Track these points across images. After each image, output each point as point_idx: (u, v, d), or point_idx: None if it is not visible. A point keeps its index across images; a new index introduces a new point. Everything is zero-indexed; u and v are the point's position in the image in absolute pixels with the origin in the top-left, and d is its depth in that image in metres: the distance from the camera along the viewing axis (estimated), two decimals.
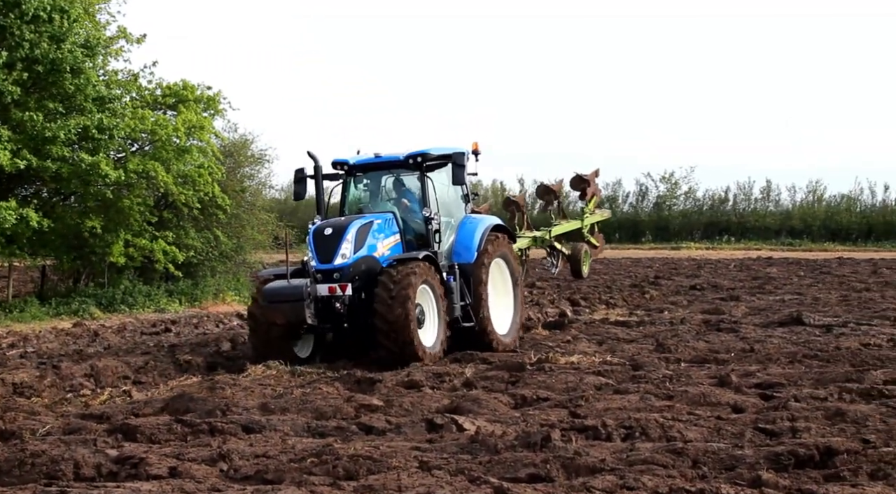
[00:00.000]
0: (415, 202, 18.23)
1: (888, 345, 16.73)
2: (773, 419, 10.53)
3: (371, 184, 18.71)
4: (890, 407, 11.12)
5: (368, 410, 12.00)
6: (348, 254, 16.61)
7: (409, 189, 18.46)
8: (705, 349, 17.04)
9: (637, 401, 11.97)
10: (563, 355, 16.52)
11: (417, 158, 17.78)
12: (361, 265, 16.72)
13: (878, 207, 62.77)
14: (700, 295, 29.43)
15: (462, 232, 18.23)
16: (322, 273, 16.59)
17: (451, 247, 18.07)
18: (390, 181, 18.64)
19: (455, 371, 15.11)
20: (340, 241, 16.61)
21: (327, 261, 16.61)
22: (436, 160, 17.96)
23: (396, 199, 18.46)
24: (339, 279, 16.48)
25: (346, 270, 16.55)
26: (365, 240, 16.88)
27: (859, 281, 32.97)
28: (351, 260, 16.61)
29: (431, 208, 17.69)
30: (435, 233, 17.64)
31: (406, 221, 18.01)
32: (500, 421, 11.03)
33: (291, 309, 16.11)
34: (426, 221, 17.69)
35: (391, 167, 18.33)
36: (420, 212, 17.93)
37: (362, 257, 16.77)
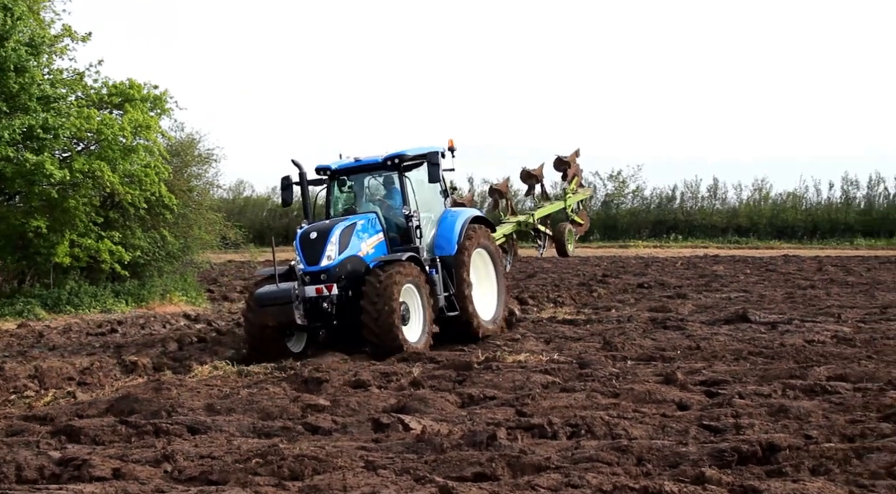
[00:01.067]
0: (395, 201, 19.14)
1: (832, 342, 16.88)
2: (718, 416, 10.60)
3: (353, 186, 19.67)
4: (832, 402, 11.22)
5: (315, 410, 11.97)
6: (333, 256, 17.47)
7: (389, 189, 19.40)
8: (652, 347, 17.12)
9: (583, 399, 12.00)
10: (511, 353, 16.57)
11: (395, 159, 18.77)
12: (347, 265, 17.61)
13: (822, 205, 63.30)
14: (647, 293, 29.55)
15: (442, 225, 19.26)
16: (310, 275, 17.44)
17: (432, 241, 19.08)
18: (371, 182, 19.64)
19: (402, 370, 15.11)
20: (325, 244, 17.47)
21: (314, 263, 17.46)
22: (412, 160, 18.90)
23: (378, 200, 19.44)
24: (326, 280, 17.32)
25: (333, 271, 17.41)
26: (349, 240, 17.75)
27: (804, 278, 33.23)
28: (336, 261, 17.47)
29: (411, 206, 18.68)
30: (416, 230, 18.59)
31: (388, 219, 18.96)
32: (447, 420, 11.03)
33: (281, 311, 16.87)
34: (407, 218, 18.63)
35: (371, 169, 19.32)
36: (396, 210, 18.95)
37: (347, 257, 17.64)
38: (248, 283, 19.91)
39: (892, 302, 24.23)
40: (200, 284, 32.75)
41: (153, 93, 28.89)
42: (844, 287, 29.61)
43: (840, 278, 32.91)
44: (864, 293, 27.21)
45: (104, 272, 27.82)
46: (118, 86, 28.40)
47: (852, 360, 14.62)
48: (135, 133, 27.20)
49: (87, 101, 27.74)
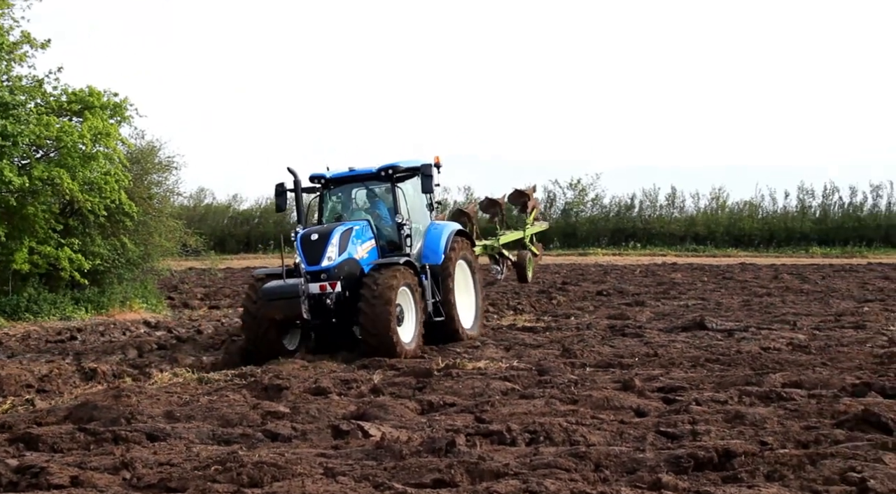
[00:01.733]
0: (385, 211, 20.05)
1: (787, 349, 16.99)
2: (675, 422, 10.65)
3: (346, 195, 20.58)
4: (787, 409, 11.30)
5: (275, 417, 11.93)
6: (333, 257, 18.30)
7: (380, 199, 20.25)
8: (610, 354, 17.17)
9: (542, 406, 12.03)
10: (471, 361, 16.59)
11: (388, 170, 19.61)
12: (345, 267, 18.41)
13: (778, 214, 63.79)
14: (606, 300, 29.65)
15: (429, 236, 20.09)
16: (310, 274, 18.22)
17: (420, 251, 19.90)
18: (363, 192, 20.48)
19: (363, 377, 15.11)
20: (326, 245, 18.28)
21: (315, 263, 18.27)
22: (404, 172, 19.85)
23: (369, 209, 20.24)
24: (326, 279, 18.14)
25: (332, 271, 18.21)
26: (347, 244, 18.57)
27: (761, 286, 33.45)
28: (336, 262, 18.27)
29: (403, 215, 19.56)
30: (406, 238, 19.47)
31: (378, 228, 19.75)
32: (406, 427, 11.02)
33: (288, 305, 17.85)
34: (398, 227, 19.52)
35: (364, 179, 20.19)
36: (390, 219, 19.84)
37: (345, 260, 18.45)
38: (248, 281, 20.66)
39: (846, 309, 24.43)
40: (161, 291, 32.61)
41: (113, 101, 28.69)
42: (800, 295, 29.83)
43: (795, 286, 33.16)
44: (819, 301, 27.42)
45: (63, 279, 27.60)
46: (77, 94, 28.20)
47: (807, 367, 14.73)
48: (94, 140, 27.01)
49: (46, 109, 27.53)
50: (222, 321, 25.21)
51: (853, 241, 59.21)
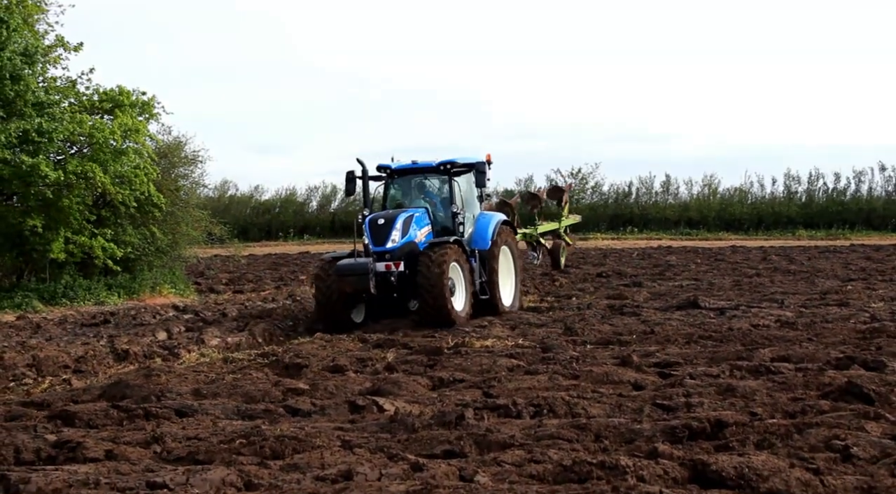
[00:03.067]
0: (440, 201, 21.47)
1: (775, 326, 16.99)
2: (670, 395, 10.65)
3: (406, 185, 21.85)
4: (776, 381, 11.29)
5: (295, 393, 11.95)
6: (397, 239, 19.67)
7: (436, 190, 21.67)
8: (609, 331, 17.17)
9: (546, 381, 12.03)
10: (479, 339, 16.59)
11: (447, 165, 21.09)
12: (406, 248, 19.74)
13: (766, 199, 63.68)
14: (606, 281, 29.64)
15: (479, 225, 21.34)
16: (376, 254, 19.60)
17: (470, 237, 21.08)
18: (422, 183, 21.84)
19: (377, 356, 15.13)
20: (391, 229, 19.67)
21: (381, 245, 19.63)
22: (461, 167, 21.25)
23: (426, 198, 21.63)
24: (390, 259, 19.52)
25: (395, 252, 19.60)
26: (408, 229, 19.92)
27: (750, 267, 33.43)
28: (399, 244, 19.65)
29: (458, 205, 20.92)
30: (459, 226, 20.78)
31: (434, 216, 21.19)
32: (418, 402, 11.02)
33: (359, 280, 19.19)
34: (453, 215, 20.84)
35: (424, 172, 21.61)
36: (444, 209, 21.28)
37: (407, 242, 19.79)
38: (319, 262, 22.36)
39: (830, 288, 24.39)
40: (188, 277, 32.61)
41: (141, 99, 28.69)
42: (787, 275, 29.80)
43: (783, 267, 33.14)
44: (805, 280, 27.38)
45: (97, 267, 27.63)
46: (108, 93, 28.20)
47: (794, 343, 14.72)
48: (124, 136, 27.00)
49: (79, 107, 27.52)
50: (246, 304, 25.20)
51: (837, 224, 59.06)
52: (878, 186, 61.92)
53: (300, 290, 29.27)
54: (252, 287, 31.99)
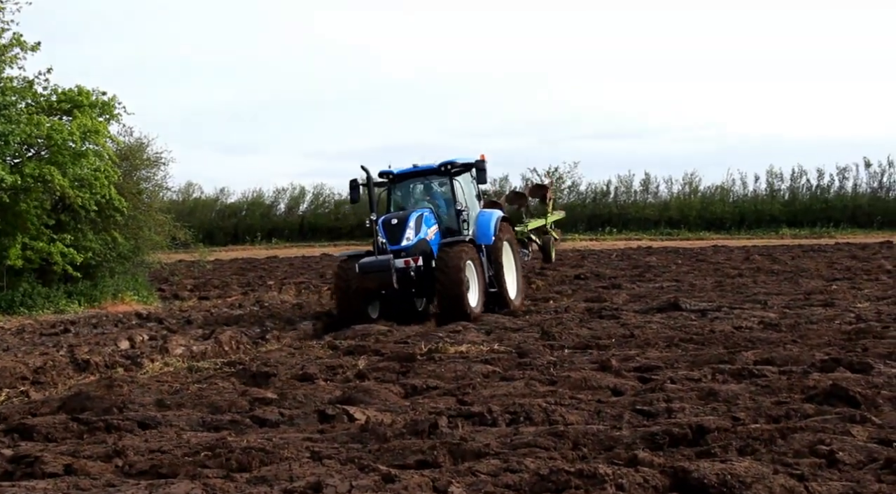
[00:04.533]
0: (441, 201, 23.06)
1: (758, 328, 17.04)
2: (650, 400, 10.65)
3: (408, 188, 23.42)
4: (759, 385, 11.33)
5: (262, 403, 11.88)
6: (412, 237, 21.36)
7: (437, 191, 23.27)
8: (588, 335, 17.19)
9: (522, 387, 12.02)
10: (453, 345, 16.55)
11: (448, 166, 22.59)
12: (420, 246, 21.38)
13: (749, 197, 63.90)
14: (584, 284, 29.68)
15: (480, 221, 22.77)
16: (392, 252, 20.98)
17: (473, 233, 22.51)
18: (423, 185, 23.48)
19: (348, 363, 15.08)
20: (405, 228, 21.35)
21: (397, 243, 21.21)
22: (460, 167, 22.78)
23: (428, 199, 23.17)
24: (406, 256, 21.00)
25: (411, 250, 21.19)
26: (420, 227, 21.64)
27: (733, 267, 33.54)
28: (413, 242, 21.32)
29: (461, 202, 22.68)
30: (464, 223, 22.48)
31: (438, 216, 22.67)
32: (390, 410, 10.99)
33: (380, 277, 20.50)
34: (458, 213, 22.57)
35: (425, 174, 23.19)
36: (447, 208, 22.84)
37: (420, 240, 21.48)
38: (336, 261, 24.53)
39: (815, 288, 24.51)
40: (151, 284, 32.49)
41: (101, 99, 28.54)
42: (770, 275, 29.92)
43: (766, 267, 33.27)
44: (789, 280, 27.51)
45: (56, 274, 27.50)
46: (67, 93, 28.04)
47: (778, 345, 14.77)
48: (84, 138, 26.87)
49: (36, 108, 27.37)
50: (212, 311, 25.13)
51: (821, 222, 59.31)
52: (864, 183, 62.28)
53: (268, 296, 29.21)
54: (218, 293, 31.90)
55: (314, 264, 45.92)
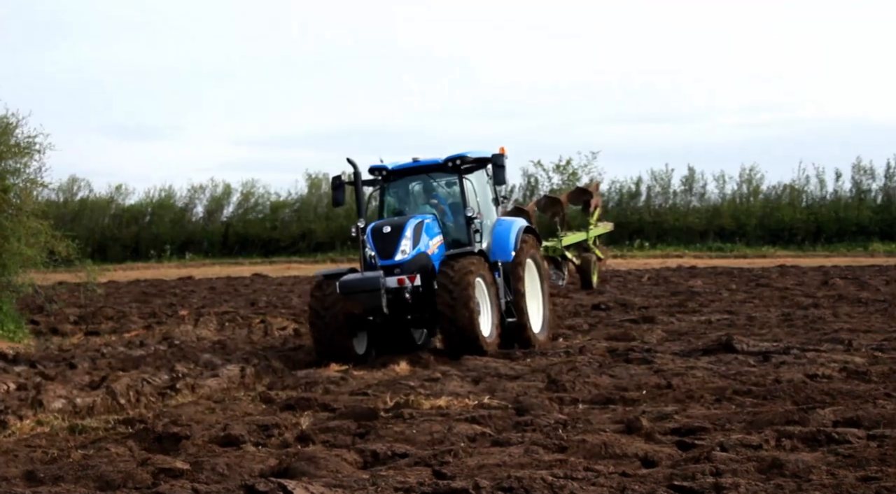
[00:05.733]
0: (448, 206, 23.68)
1: (840, 376, 17.05)
2: (693, 474, 10.65)
3: (406, 188, 24.09)
4: (840, 455, 11.31)
5: (170, 476, 11.85)
6: (408, 251, 21.85)
7: (442, 192, 23.92)
8: (610, 385, 17.22)
9: (520, 455, 12.01)
10: (428, 397, 16.55)
11: (456, 161, 22.93)
12: (419, 261, 21.89)
13: (828, 200, 64.13)
14: (605, 316, 29.74)
15: (497, 232, 23.39)
16: (383, 268, 21.69)
17: (488, 247, 23.06)
18: (425, 185, 24.11)
19: (287, 421, 15.05)
20: (400, 238, 21.82)
21: (389, 257, 21.83)
22: (473, 162, 23.31)
23: (432, 203, 23.77)
24: (401, 273, 21.58)
25: (406, 265, 21.76)
26: (420, 237, 22.12)
27: (805, 295, 33.65)
28: (410, 256, 21.84)
29: (473, 208, 22.92)
30: (475, 233, 22.82)
31: (444, 223, 23.29)
32: (343, 486, 10.97)
33: (369, 298, 21.13)
34: (468, 221, 22.89)
35: (428, 171, 23.72)
36: (453, 215, 23.47)
37: (419, 253, 21.98)
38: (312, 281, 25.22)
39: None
40: (21, 314, 32.35)
41: None
42: (857, 305, 30.01)
43: (851, 294, 33.37)
44: (882, 312, 27.61)
45: None
46: None
47: (866, 400, 14.77)
48: None
49: None
50: (103, 351, 25.07)
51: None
52: None
53: (180, 331, 29.16)
54: (112, 326, 31.84)
55: (243, 288, 45.87)
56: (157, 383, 19.86)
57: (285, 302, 38.83)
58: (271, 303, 38.31)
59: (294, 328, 29.31)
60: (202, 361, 22.65)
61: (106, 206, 71.09)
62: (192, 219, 71.23)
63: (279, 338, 27.21)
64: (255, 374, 21.29)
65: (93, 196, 71.73)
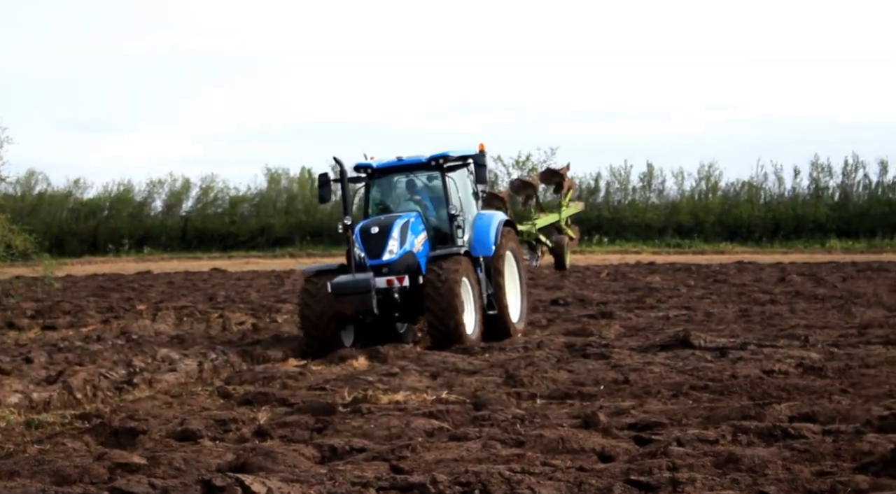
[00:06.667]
0: (431, 202, 24.61)
1: (796, 372, 17.11)
2: (650, 469, 10.67)
3: (389, 185, 25.10)
4: (795, 450, 11.36)
5: (126, 470, 11.81)
6: (395, 250, 22.72)
7: (426, 189, 24.86)
8: (567, 380, 17.24)
9: (478, 450, 12.02)
10: (386, 392, 16.55)
11: (440, 160, 23.92)
12: (406, 260, 22.82)
13: (786, 198, 64.30)
14: (563, 311, 29.82)
15: (478, 227, 24.33)
16: (372, 268, 22.51)
17: (469, 241, 24.00)
18: (410, 182, 24.99)
19: (245, 416, 15.03)
20: (387, 238, 22.71)
21: (376, 257, 22.68)
22: (456, 161, 24.29)
23: (416, 200, 24.73)
24: (388, 273, 22.46)
25: (394, 265, 22.63)
26: (406, 237, 23.00)
27: (763, 291, 33.76)
28: (398, 256, 22.72)
29: (456, 205, 23.81)
30: (458, 229, 23.68)
31: (427, 219, 24.15)
32: (300, 480, 10.94)
33: (361, 300, 21.93)
34: (451, 218, 23.72)
35: (412, 169, 24.68)
36: (436, 211, 24.38)
37: (406, 253, 22.87)
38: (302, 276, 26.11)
39: (873, 320, 24.62)
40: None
41: None
42: (813, 301, 30.13)
43: (808, 290, 33.50)
44: (839, 309, 27.67)
45: None
46: None
47: (822, 395, 14.83)
48: None
49: None
50: (60, 345, 24.95)
51: (883, 232, 59.74)
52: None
53: (138, 325, 29.06)
54: (69, 321, 31.66)
55: (201, 282, 45.73)
56: (115, 378, 19.78)
57: (244, 296, 38.72)
58: (230, 298, 38.16)
59: (252, 323, 29.21)
60: (160, 356, 22.54)
61: (64, 200, 70.81)
62: (150, 213, 71.03)
63: (237, 333, 27.10)
64: (212, 369, 21.26)
65: (50, 190, 71.55)
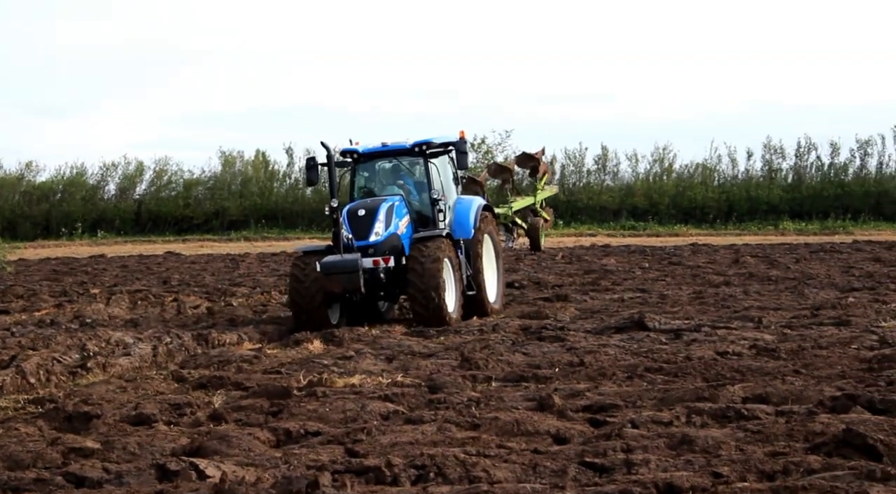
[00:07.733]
0: (413, 186, 25.76)
1: (750, 353, 17.17)
2: (604, 450, 10.70)
3: (374, 170, 26.21)
4: (749, 431, 11.41)
5: (80, 455, 11.76)
6: (381, 232, 23.81)
7: (409, 174, 25.98)
8: (523, 363, 17.25)
9: (433, 433, 12.03)
10: (342, 376, 16.53)
11: (423, 146, 25.04)
12: (391, 242, 23.89)
13: (739, 180, 64.48)
14: (518, 294, 29.82)
15: (458, 211, 25.39)
16: (359, 249, 23.39)
17: (450, 224, 25.07)
18: (392, 167, 26.23)
19: (200, 400, 15.00)
20: (374, 221, 23.78)
21: (363, 239, 23.65)
22: (438, 147, 25.39)
23: (398, 184, 25.79)
24: (374, 254, 23.45)
25: (380, 246, 23.69)
26: (391, 219, 24.09)
27: (717, 273, 33.91)
28: (383, 237, 23.79)
29: (438, 190, 25.03)
30: (439, 213, 24.81)
31: (410, 203, 25.24)
32: (255, 464, 10.94)
33: (349, 279, 22.78)
34: (433, 202, 24.93)
35: (395, 154, 25.84)
36: (419, 195, 25.57)
37: (391, 234, 23.95)
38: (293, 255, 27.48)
39: (825, 301, 24.76)
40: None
41: None
42: (766, 283, 30.26)
43: (761, 272, 33.66)
44: (792, 291, 27.81)
45: None
46: None
47: (775, 376, 14.89)
48: None
49: None
50: (12, 330, 24.83)
51: (835, 214, 60.05)
52: (893, 161, 62.98)
53: (91, 309, 28.92)
54: (22, 305, 31.50)
55: (155, 266, 45.57)
56: (68, 362, 19.69)
57: (198, 280, 38.59)
58: (184, 282, 38.05)
59: (207, 306, 29.10)
60: (114, 340, 22.43)
61: (16, 183, 70.47)
62: (104, 196, 70.77)
63: (192, 317, 27.00)
64: (167, 353, 21.18)
65: (2, 173, 71.20)
